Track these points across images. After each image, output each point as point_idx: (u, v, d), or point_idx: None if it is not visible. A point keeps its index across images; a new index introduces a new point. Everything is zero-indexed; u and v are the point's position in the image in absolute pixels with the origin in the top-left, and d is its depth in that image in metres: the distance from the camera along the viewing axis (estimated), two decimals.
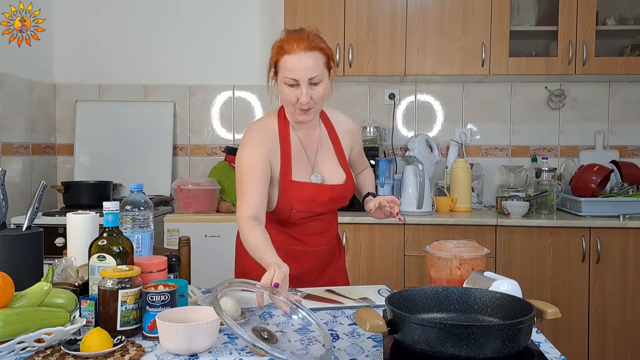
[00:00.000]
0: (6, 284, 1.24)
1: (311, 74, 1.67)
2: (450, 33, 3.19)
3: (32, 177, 3.37)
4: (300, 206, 1.79)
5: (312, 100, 1.70)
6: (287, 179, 1.78)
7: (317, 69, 1.68)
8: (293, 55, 1.66)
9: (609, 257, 2.91)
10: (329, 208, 1.87)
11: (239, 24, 3.59)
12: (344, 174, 1.87)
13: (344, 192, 1.86)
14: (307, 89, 1.68)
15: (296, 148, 1.82)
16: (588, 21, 3.14)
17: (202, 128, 3.65)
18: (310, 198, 1.79)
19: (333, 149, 1.88)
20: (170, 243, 2.96)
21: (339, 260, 2.00)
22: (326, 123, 1.90)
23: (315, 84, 1.69)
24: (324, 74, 1.71)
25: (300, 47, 1.66)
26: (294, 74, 1.67)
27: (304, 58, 1.66)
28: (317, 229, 1.87)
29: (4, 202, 1.59)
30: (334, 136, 1.89)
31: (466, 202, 3.25)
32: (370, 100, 3.59)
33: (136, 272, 1.32)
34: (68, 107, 3.65)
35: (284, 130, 1.81)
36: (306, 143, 1.85)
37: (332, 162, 1.87)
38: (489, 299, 1.23)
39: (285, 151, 1.79)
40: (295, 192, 1.78)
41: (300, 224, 1.84)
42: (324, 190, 1.82)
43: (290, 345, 1.24)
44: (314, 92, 1.70)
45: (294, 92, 1.70)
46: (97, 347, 1.17)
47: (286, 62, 1.67)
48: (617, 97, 3.53)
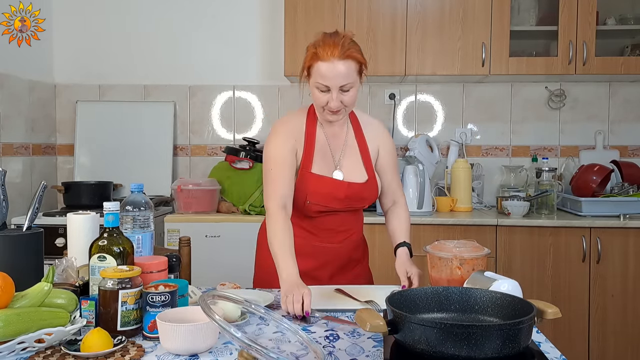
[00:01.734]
0: (7, 284, 1.24)
1: (343, 82, 1.69)
2: (451, 33, 3.19)
3: (32, 177, 3.37)
4: (314, 198, 1.81)
5: (342, 103, 1.73)
6: (306, 170, 1.81)
7: (349, 77, 1.69)
8: (327, 63, 1.67)
9: (609, 257, 2.91)
10: (346, 206, 1.86)
11: (239, 24, 3.59)
12: (366, 175, 1.87)
13: (362, 192, 1.86)
14: (337, 94, 1.70)
15: (321, 144, 1.85)
16: (588, 21, 3.14)
17: (203, 128, 3.65)
18: (325, 192, 1.81)
19: (358, 149, 1.89)
20: (171, 243, 2.96)
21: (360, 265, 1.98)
22: (354, 124, 1.91)
23: (346, 91, 1.71)
24: (356, 81, 1.72)
25: (334, 54, 1.67)
26: (325, 81, 1.69)
27: (337, 66, 1.67)
28: (332, 224, 1.87)
29: (5, 203, 1.59)
30: (361, 137, 1.90)
31: (466, 202, 3.25)
32: (370, 100, 3.59)
33: (136, 272, 1.32)
34: (68, 107, 3.65)
35: (311, 126, 1.85)
36: (332, 140, 1.87)
37: (356, 162, 1.88)
38: (490, 299, 1.23)
39: (308, 144, 1.82)
40: (312, 183, 1.80)
41: (314, 217, 1.85)
42: (341, 186, 1.83)
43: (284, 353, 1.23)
44: (344, 97, 1.72)
45: (325, 96, 1.72)
46: (98, 348, 1.17)
47: (319, 68, 1.69)
48: (617, 97, 3.53)
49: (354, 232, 1.94)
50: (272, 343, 1.31)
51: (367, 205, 1.92)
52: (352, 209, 1.90)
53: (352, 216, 1.92)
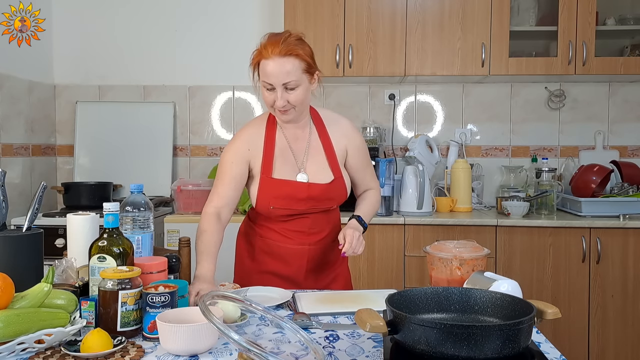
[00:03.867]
0: (6, 285, 1.24)
1: (285, 79, 1.69)
2: (450, 33, 3.19)
3: (32, 178, 3.37)
4: (278, 203, 1.81)
5: (289, 103, 1.73)
6: (266, 176, 1.81)
7: (293, 74, 1.69)
8: (269, 60, 1.69)
9: (609, 257, 2.91)
10: (310, 206, 1.84)
11: (239, 25, 3.59)
12: (332, 175, 1.85)
13: (327, 192, 1.84)
14: (282, 93, 1.71)
15: (281, 147, 1.84)
16: (588, 21, 3.14)
17: (202, 129, 3.65)
18: (286, 195, 1.80)
19: (323, 150, 1.87)
20: (171, 244, 2.96)
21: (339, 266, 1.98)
22: (317, 123, 1.89)
23: (291, 89, 1.71)
24: (302, 79, 1.71)
25: (274, 52, 1.68)
26: (268, 79, 1.70)
27: (279, 63, 1.68)
28: (302, 227, 1.86)
29: (4, 203, 1.59)
30: (325, 137, 1.88)
31: (466, 202, 3.25)
32: (370, 101, 3.59)
33: (136, 273, 1.32)
34: (68, 108, 3.65)
35: (271, 130, 1.85)
36: (293, 142, 1.86)
37: (321, 162, 1.86)
38: (489, 299, 1.23)
39: (268, 149, 1.82)
40: (273, 189, 1.80)
41: (284, 221, 1.85)
42: (301, 188, 1.81)
43: (283, 355, 1.23)
44: (290, 96, 1.72)
45: (271, 95, 1.73)
46: (98, 348, 1.17)
47: (264, 66, 1.71)
48: (617, 97, 3.53)
49: (327, 233, 1.91)
50: (272, 344, 1.30)
51: (335, 205, 1.91)
52: (320, 209, 1.87)
53: (324, 217, 1.90)
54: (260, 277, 1.87)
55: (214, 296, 1.23)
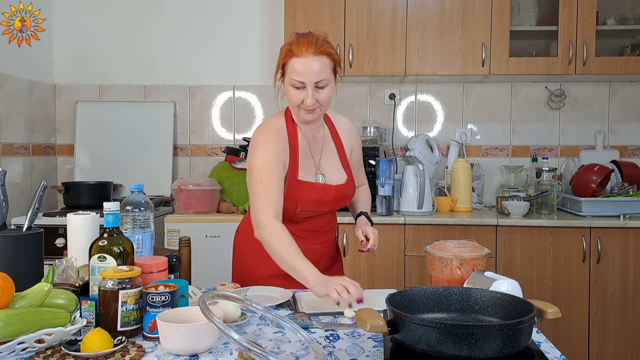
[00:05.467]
0: (7, 284, 1.24)
1: (318, 78, 1.71)
2: (450, 33, 3.19)
3: (32, 177, 3.37)
4: (306, 206, 1.82)
5: (318, 102, 1.74)
6: (294, 178, 1.80)
7: (324, 73, 1.71)
8: (301, 59, 1.69)
9: (609, 257, 2.91)
10: (332, 207, 1.90)
11: (239, 24, 3.59)
12: (345, 175, 1.90)
13: (345, 191, 1.89)
14: (312, 91, 1.72)
15: (303, 148, 1.85)
16: (588, 21, 3.14)
17: (203, 128, 3.65)
18: (316, 198, 1.82)
19: (335, 149, 1.91)
20: (171, 243, 2.96)
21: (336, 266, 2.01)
22: (329, 124, 1.93)
23: (321, 88, 1.73)
24: (330, 78, 1.74)
25: (309, 50, 1.69)
26: (300, 77, 1.70)
27: (312, 62, 1.69)
28: (317, 226, 1.90)
29: (5, 203, 1.59)
30: (337, 137, 1.93)
31: (466, 202, 3.25)
32: (370, 101, 3.59)
33: (137, 272, 1.32)
34: (68, 107, 3.65)
35: (292, 131, 1.85)
36: (312, 144, 1.88)
37: (335, 162, 1.90)
38: (490, 299, 1.23)
39: (293, 151, 1.82)
40: (302, 191, 1.81)
41: (301, 221, 1.86)
42: (329, 190, 1.85)
43: (283, 355, 1.23)
44: (320, 95, 1.73)
45: (300, 94, 1.73)
46: (98, 348, 1.17)
47: (294, 64, 1.71)
48: (617, 97, 3.53)
49: (333, 231, 1.99)
50: (272, 343, 1.31)
51: (348, 203, 1.97)
52: (337, 209, 1.94)
53: (332, 216, 1.97)
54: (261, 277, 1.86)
55: (214, 296, 1.23)
